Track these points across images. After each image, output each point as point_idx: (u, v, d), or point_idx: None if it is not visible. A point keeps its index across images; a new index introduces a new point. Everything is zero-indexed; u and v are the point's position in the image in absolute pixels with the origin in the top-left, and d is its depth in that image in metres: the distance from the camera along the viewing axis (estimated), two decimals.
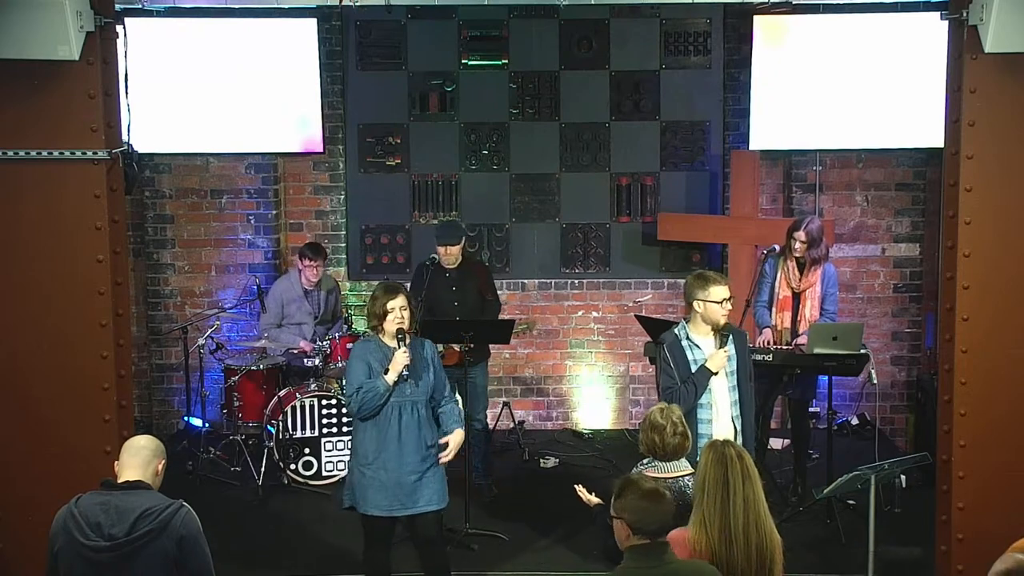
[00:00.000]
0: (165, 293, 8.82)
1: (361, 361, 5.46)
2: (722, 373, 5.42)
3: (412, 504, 5.46)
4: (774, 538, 4.05)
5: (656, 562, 3.70)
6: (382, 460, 5.42)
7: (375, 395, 5.38)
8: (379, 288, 5.55)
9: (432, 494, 5.49)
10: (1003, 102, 5.45)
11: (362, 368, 5.45)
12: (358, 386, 5.40)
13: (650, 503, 3.73)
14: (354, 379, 5.44)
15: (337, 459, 7.53)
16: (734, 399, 5.44)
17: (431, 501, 5.50)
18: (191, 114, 8.33)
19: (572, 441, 8.68)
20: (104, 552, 3.90)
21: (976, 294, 5.51)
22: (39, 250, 5.46)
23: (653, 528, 3.71)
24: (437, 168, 8.82)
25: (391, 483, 5.42)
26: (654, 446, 4.59)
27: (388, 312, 5.43)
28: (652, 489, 3.78)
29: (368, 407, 5.40)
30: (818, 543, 6.57)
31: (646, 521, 3.72)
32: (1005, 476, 5.58)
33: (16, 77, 5.33)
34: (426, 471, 5.47)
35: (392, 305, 5.42)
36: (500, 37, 8.69)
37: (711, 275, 5.46)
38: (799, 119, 8.30)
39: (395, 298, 5.43)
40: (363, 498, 5.46)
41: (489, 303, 7.38)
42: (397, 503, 5.45)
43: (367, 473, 5.44)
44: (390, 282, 5.66)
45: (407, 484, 5.43)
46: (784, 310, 7.19)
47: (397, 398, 5.43)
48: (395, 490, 5.42)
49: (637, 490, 3.78)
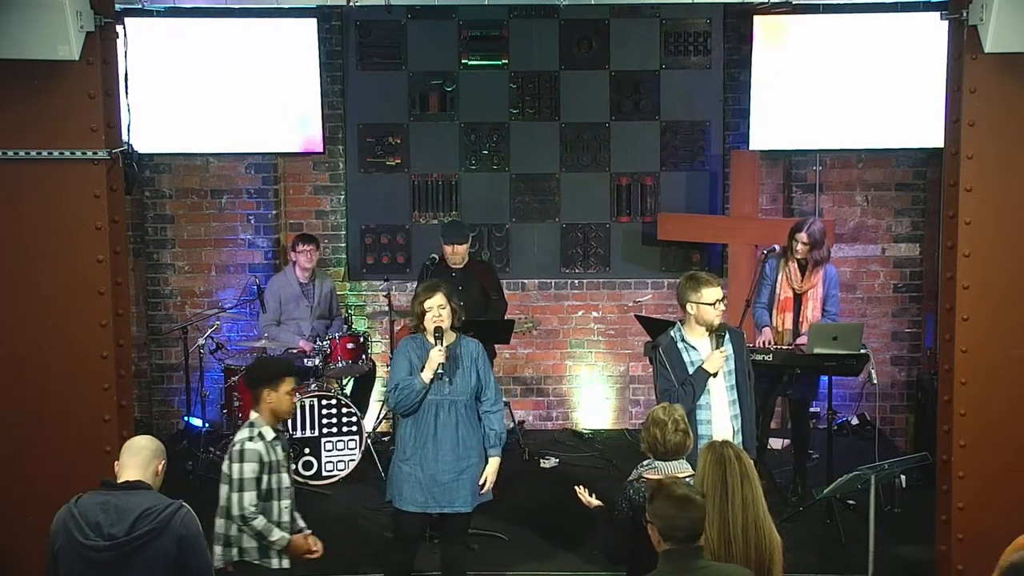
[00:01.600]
0: (165, 293, 8.82)
1: (403, 358, 5.51)
2: (720, 373, 5.41)
3: (447, 503, 5.49)
4: (774, 538, 4.04)
5: (689, 566, 3.68)
6: (419, 457, 5.46)
7: (411, 392, 5.42)
8: (421, 286, 5.63)
9: (467, 495, 5.52)
10: (1003, 102, 5.45)
11: (404, 364, 5.49)
12: (396, 383, 5.45)
13: (678, 509, 3.69)
14: (395, 375, 5.50)
15: (337, 459, 7.53)
16: (732, 399, 5.44)
17: (467, 502, 5.53)
18: (191, 114, 8.33)
19: (572, 441, 8.68)
20: (104, 552, 3.90)
21: (976, 294, 5.52)
22: (39, 250, 5.47)
23: (681, 535, 3.68)
24: (437, 168, 8.82)
25: (427, 480, 5.45)
26: (655, 442, 4.58)
27: (426, 311, 5.46)
28: (682, 495, 3.73)
29: (405, 404, 5.44)
30: (818, 543, 6.57)
31: (674, 527, 3.69)
32: (1005, 476, 5.58)
33: (16, 77, 5.34)
34: (464, 471, 5.48)
35: (430, 304, 5.46)
36: (500, 37, 8.69)
37: (703, 276, 5.43)
38: (799, 119, 8.30)
39: (432, 296, 5.47)
40: (399, 493, 5.50)
41: (494, 302, 7.39)
42: (432, 500, 5.47)
43: (403, 468, 5.49)
44: (432, 280, 5.73)
45: (442, 482, 5.46)
46: (785, 311, 7.19)
47: (435, 396, 5.46)
48: (430, 487, 5.45)
49: (667, 496, 3.75)
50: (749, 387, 5.55)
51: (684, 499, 3.72)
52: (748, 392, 5.52)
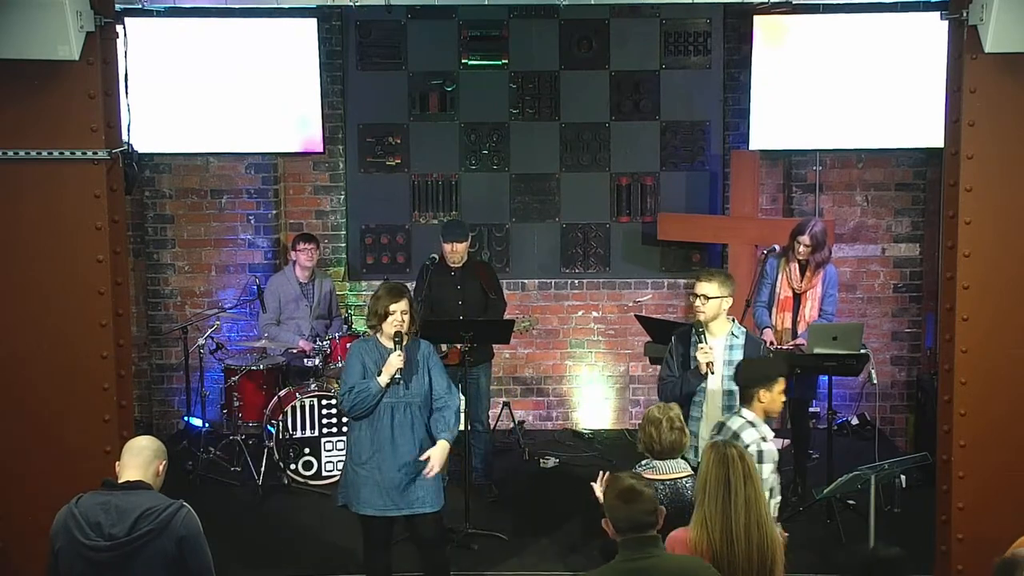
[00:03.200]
0: (165, 293, 8.82)
1: (357, 361, 5.48)
2: (717, 374, 5.42)
3: (407, 505, 5.47)
4: (775, 538, 4.05)
5: (640, 554, 3.70)
6: (376, 460, 5.43)
7: (367, 395, 5.39)
8: (383, 288, 5.54)
9: (427, 495, 5.49)
10: (1003, 102, 5.45)
11: (357, 368, 5.46)
12: (351, 386, 5.42)
13: (621, 502, 3.74)
14: (348, 378, 5.46)
15: (337, 459, 7.53)
16: (730, 403, 5.42)
17: (425, 503, 5.49)
18: (191, 114, 8.33)
19: (572, 441, 8.68)
20: (104, 552, 3.91)
21: (976, 294, 5.51)
22: (39, 250, 5.46)
23: (624, 526, 3.72)
24: (437, 168, 8.82)
25: (385, 483, 5.43)
26: (651, 441, 4.59)
27: (389, 314, 5.43)
28: (627, 487, 3.78)
29: (360, 407, 5.41)
30: (818, 543, 6.57)
31: (618, 519, 3.74)
32: (1005, 476, 5.58)
33: (16, 77, 5.33)
34: (420, 472, 5.45)
35: (394, 308, 5.42)
36: (500, 37, 8.69)
37: (704, 271, 5.63)
38: (799, 119, 8.30)
39: (398, 301, 5.43)
40: (356, 497, 5.48)
41: (493, 302, 7.38)
42: (391, 503, 5.45)
43: (360, 472, 5.46)
44: (395, 283, 5.64)
45: (401, 485, 5.43)
46: (785, 310, 7.20)
47: (390, 399, 5.43)
48: (389, 490, 5.43)
49: (614, 489, 3.81)
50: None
51: (628, 491, 3.76)
52: None
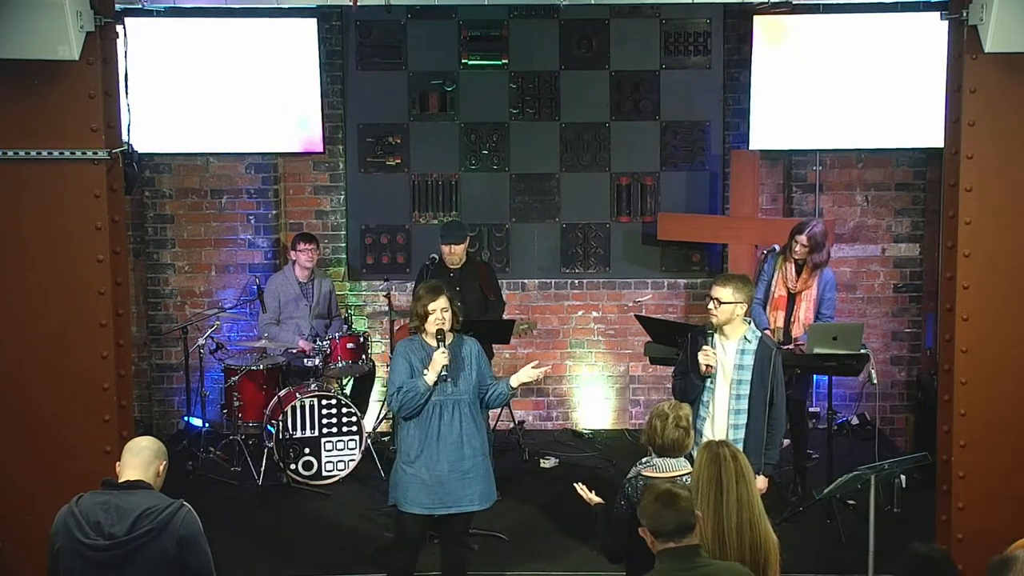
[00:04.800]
0: (165, 293, 8.82)
1: (404, 360, 5.50)
2: (726, 379, 5.41)
3: (455, 503, 5.48)
4: (769, 538, 4.04)
5: (688, 564, 3.69)
6: (424, 459, 5.45)
7: (415, 395, 5.40)
8: (422, 288, 5.59)
9: (475, 494, 5.51)
10: (1003, 102, 5.45)
11: (404, 367, 5.48)
12: (399, 386, 5.44)
13: (662, 506, 3.72)
14: (396, 378, 5.48)
15: (337, 459, 7.53)
16: (737, 408, 5.40)
17: (473, 501, 5.52)
18: (191, 114, 8.33)
19: (572, 441, 8.68)
20: (104, 551, 3.90)
21: (976, 294, 5.52)
22: (39, 250, 5.46)
23: (669, 530, 3.70)
24: (437, 168, 8.82)
25: (433, 482, 5.44)
26: (653, 434, 4.57)
27: (429, 313, 5.46)
28: (665, 491, 3.78)
29: (409, 407, 5.43)
30: (818, 543, 6.57)
31: (661, 524, 3.71)
32: (1005, 476, 5.58)
33: (16, 77, 5.34)
34: (469, 470, 5.48)
35: (434, 306, 5.45)
36: (500, 37, 8.69)
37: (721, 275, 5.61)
38: (799, 119, 8.30)
39: (437, 299, 5.47)
40: (404, 496, 5.49)
41: (493, 303, 7.38)
42: (439, 502, 5.47)
43: (408, 471, 5.47)
44: (433, 282, 5.69)
45: (448, 483, 5.45)
46: (778, 309, 7.19)
47: (438, 397, 5.45)
48: (437, 489, 5.44)
49: (651, 494, 3.79)
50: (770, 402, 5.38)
51: (666, 495, 3.76)
52: (763, 407, 5.37)
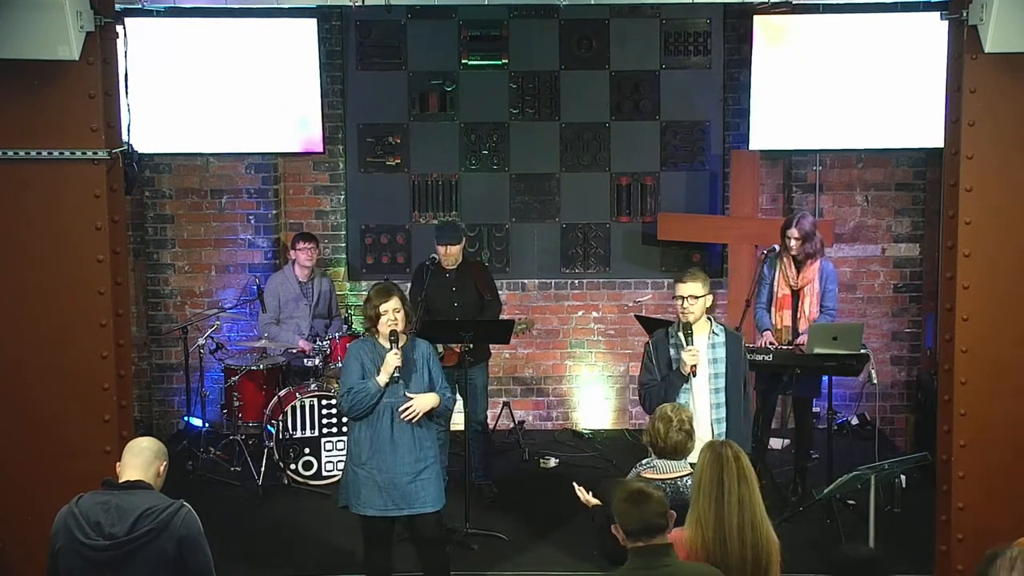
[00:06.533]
0: (165, 293, 8.82)
1: (355, 361, 5.49)
2: (703, 374, 5.41)
3: (407, 505, 5.48)
4: (771, 539, 4.03)
5: (655, 563, 3.71)
6: (376, 460, 5.44)
7: (366, 396, 5.39)
8: (372, 290, 5.56)
9: (427, 495, 5.50)
10: (1003, 102, 5.45)
11: (356, 368, 5.47)
12: (350, 387, 5.43)
13: (630, 504, 3.75)
14: (347, 379, 5.47)
15: (337, 459, 7.53)
16: (717, 402, 5.43)
17: (426, 502, 5.50)
18: (191, 114, 8.33)
19: (572, 441, 8.68)
20: (104, 551, 3.90)
21: (976, 294, 5.52)
22: (39, 250, 5.47)
23: (635, 528, 3.72)
24: (437, 168, 8.82)
25: (385, 483, 5.43)
26: (656, 437, 4.57)
27: (381, 314, 5.44)
28: (634, 490, 3.80)
29: (359, 408, 5.42)
30: (818, 543, 6.57)
31: (628, 522, 3.74)
32: (1005, 476, 5.58)
33: (16, 77, 5.34)
34: (421, 472, 5.47)
35: (385, 307, 5.43)
36: (500, 37, 8.69)
37: (685, 272, 5.58)
38: (799, 119, 8.29)
39: (387, 300, 5.43)
40: (356, 498, 5.48)
41: (489, 303, 7.38)
42: (392, 504, 5.46)
43: (360, 473, 5.46)
44: (385, 283, 5.64)
45: (401, 485, 5.44)
46: (783, 308, 7.19)
47: (390, 399, 5.44)
48: (389, 490, 5.44)
49: (621, 493, 3.82)
50: (743, 392, 5.52)
51: (636, 494, 3.77)
52: (740, 396, 5.48)
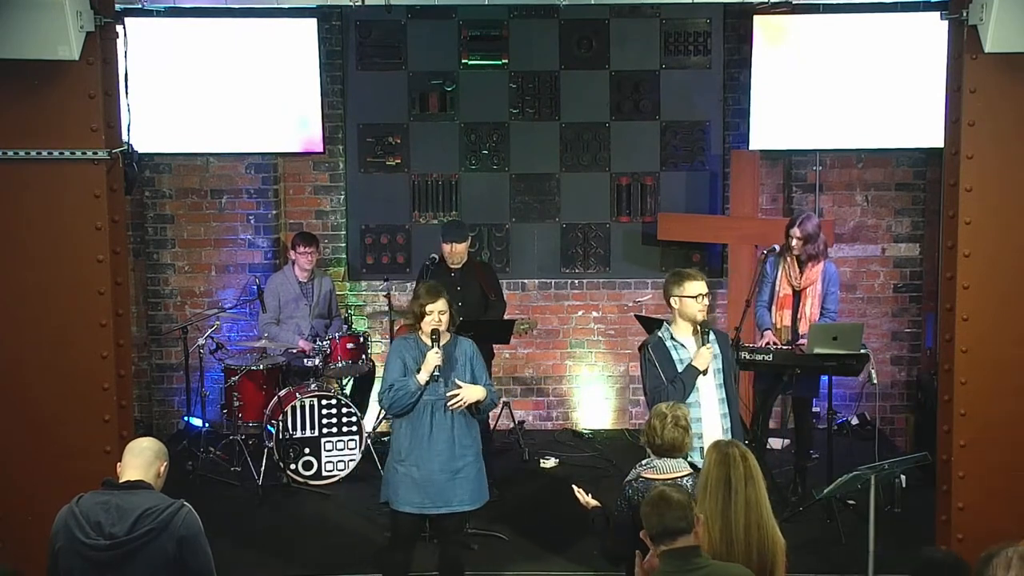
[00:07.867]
0: (165, 293, 8.82)
1: (397, 358, 5.51)
2: (709, 372, 5.43)
3: (444, 503, 5.48)
4: (777, 540, 4.04)
5: (687, 565, 3.71)
6: (414, 458, 5.46)
7: (406, 393, 5.41)
8: (422, 288, 5.60)
9: (465, 494, 5.51)
10: (1003, 102, 5.46)
11: (397, 365, 5.49)
12: (391, 383, 5.45)
13: (650, 508, 3.77)
14: (388, 376, 5.50)
15: (337, 459, 7.53)
16: (721, 398, 5.46)
17: (464, 501, 5.52)
18: (191, 114, 8.33)
19: (572, 441, 8.68)
20: (104, 551, 3.91)
21: (976, 294, 5.52)
22: (39, 250, 5.47)
23: (657, 531, 3.73)
24: (437, 168, 8.82)
25: (423, 481, 5.44)
26: (652, 435, 4.57)
27: (426, 313, 5.46)
28: (657, 494, 3.82)
29: (399, 405, 5.44)
30: (818, 543, 6.57)
31: (651, 527, 3.76)
32: (1005, 476, 5.58)
33: (16, 77, 5.34)
34: (460, 470, 5.48)
35: (431, 308, 5.46)
36: (500, 37, 8.69)
37: (686, 271, 5.52)
38: (799, 119, 8.30)
39: (435, 301, 5.47)
40: (395, 494, 5.50)
41: (494, 303, 7.39)
42: (428, 501, 5.47)
43: (400, 470, 5.49)
44: (433, 283, 5.69)
45: (438, 483, 5.45)
46: (784, 308, 7.19)
47: (430, 396, 5.45)
48: (426, 487, 5.45)
49: (646, 501, 3.85)
50: (735, 386, 5.60)
51: (658, 497, 3.80)
52: (736, 393, 5.57)
